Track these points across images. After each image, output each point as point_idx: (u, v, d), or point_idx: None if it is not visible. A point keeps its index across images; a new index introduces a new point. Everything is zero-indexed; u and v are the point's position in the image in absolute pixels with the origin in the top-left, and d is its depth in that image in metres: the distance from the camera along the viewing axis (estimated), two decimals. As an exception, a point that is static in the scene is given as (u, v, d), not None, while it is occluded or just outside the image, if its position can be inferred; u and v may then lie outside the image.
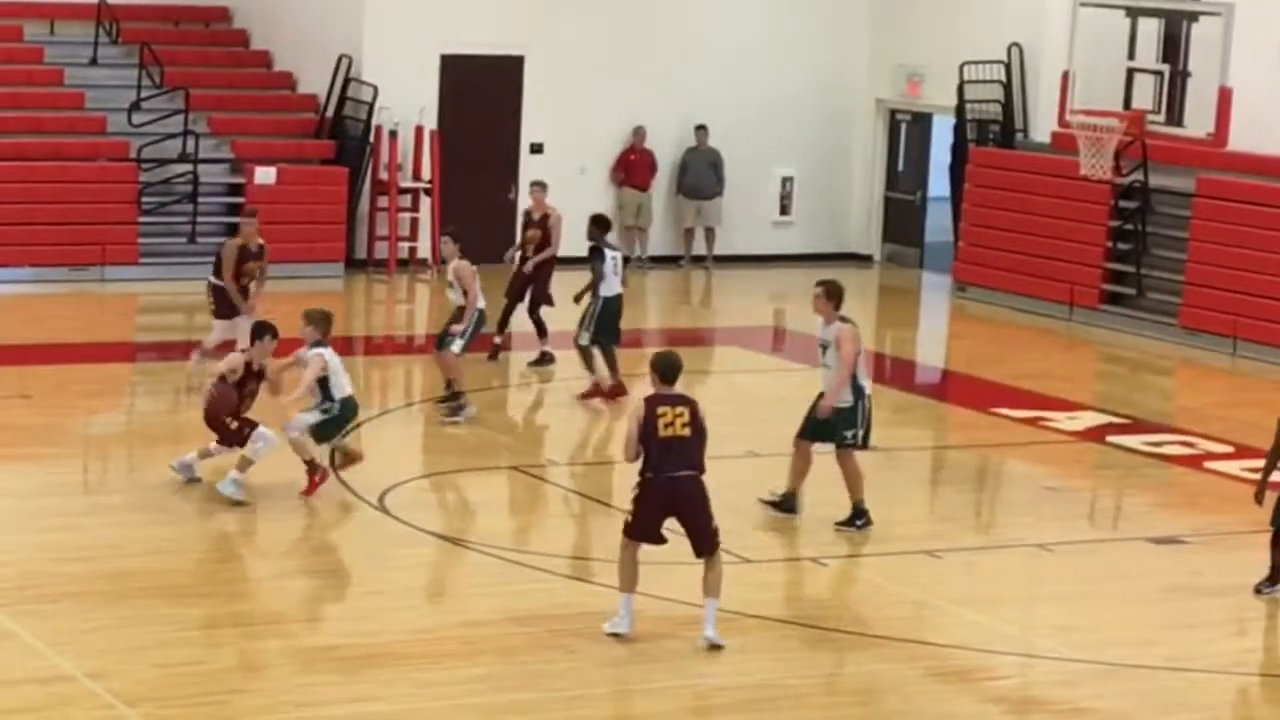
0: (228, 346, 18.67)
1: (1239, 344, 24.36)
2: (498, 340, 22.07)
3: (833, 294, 15.51)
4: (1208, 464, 18.69)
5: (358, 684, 12.43)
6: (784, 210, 30.38)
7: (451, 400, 19.21)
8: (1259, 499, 14.56)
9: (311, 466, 16.30)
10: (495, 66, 28.46)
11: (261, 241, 20.13)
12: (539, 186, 22.43)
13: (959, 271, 28.17)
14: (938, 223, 30.11)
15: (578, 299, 20.33)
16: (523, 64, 28.65)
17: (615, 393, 20.00)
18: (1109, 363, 24.60)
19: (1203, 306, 24.96)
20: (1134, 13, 26.50)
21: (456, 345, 19.01)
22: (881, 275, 29.81)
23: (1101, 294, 26.22)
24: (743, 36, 29.66)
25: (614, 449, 17.75)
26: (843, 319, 15.69)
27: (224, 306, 19.81)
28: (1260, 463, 15.29)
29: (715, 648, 12.98)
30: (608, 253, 20.18)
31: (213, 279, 20.02)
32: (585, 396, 20.15)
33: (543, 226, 21.77)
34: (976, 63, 28.32)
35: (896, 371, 23.84)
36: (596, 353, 20.13)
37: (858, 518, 15.90)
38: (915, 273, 29.95)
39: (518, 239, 22.35)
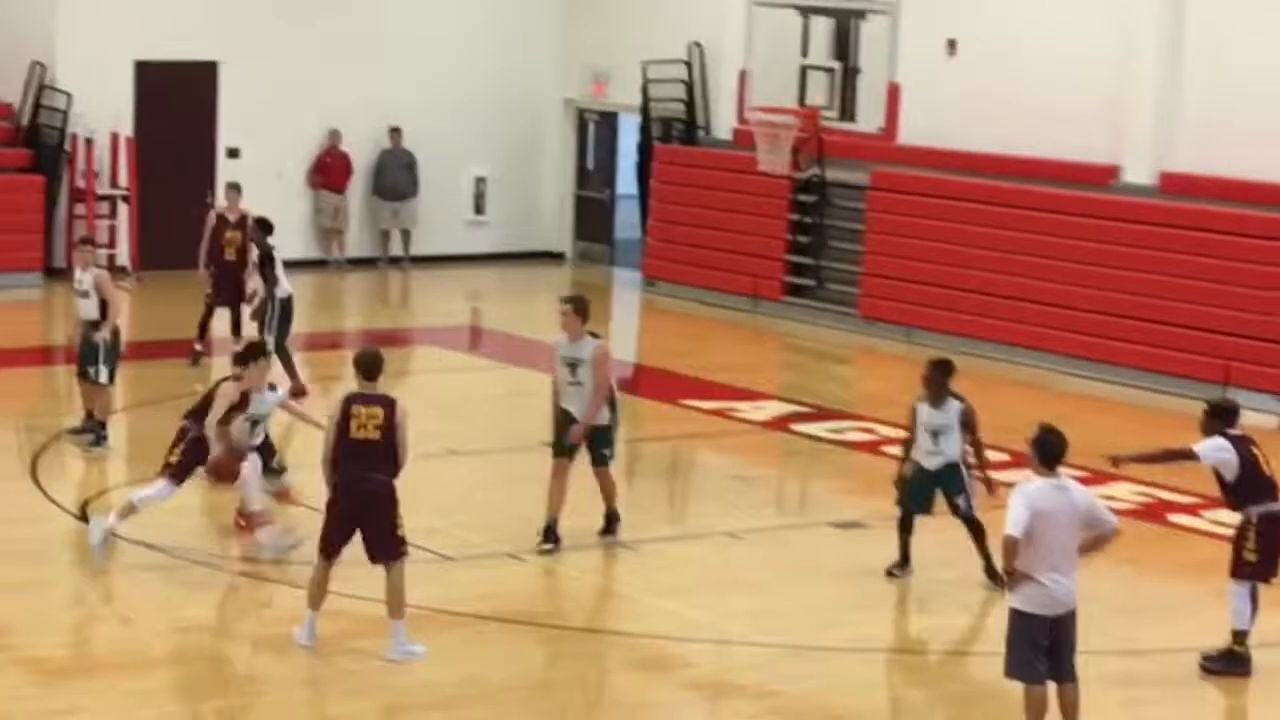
0: None
1: (913, 332, 24.81)
2: (199, 346, 21.83)
3: (581, 310, 15.25)
4: (885, 449, 18.91)
5: (63, 694, 12.22)
6: (479, 209, 30.25)
7: (88, 431, 18.15)
8: (898, 484, 14.94)
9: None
10: (190, 72, 28.05)
11: None
12: (234, 189, 22.19)
13: (648, 267, 28.10)
14: (627, 220, 30.08)
15: (255, 312, 20.10)
16: (217, 70, 28.24)
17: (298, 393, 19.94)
18: (793, 353, 24.89)
19: (879, 296, 25.27)
20: (806, 11, 26.92)
21: (104, 376, 18.03)
22: (574, 273, 29.76)
23: (784, 286, 26.36)
24: (435, 40, 29.52)
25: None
26: (593, 335, 15.43)
27: None
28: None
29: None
30: (277, 255, 20.09)
31: None
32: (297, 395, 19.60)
33: (241, 228, 21.52)
34: (659, 62, 28.49)
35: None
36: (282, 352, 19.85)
37: (613, 522, 15.74)
38: (606, 269, 29.90)
39: (205, 244, 21.80)
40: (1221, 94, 22.96)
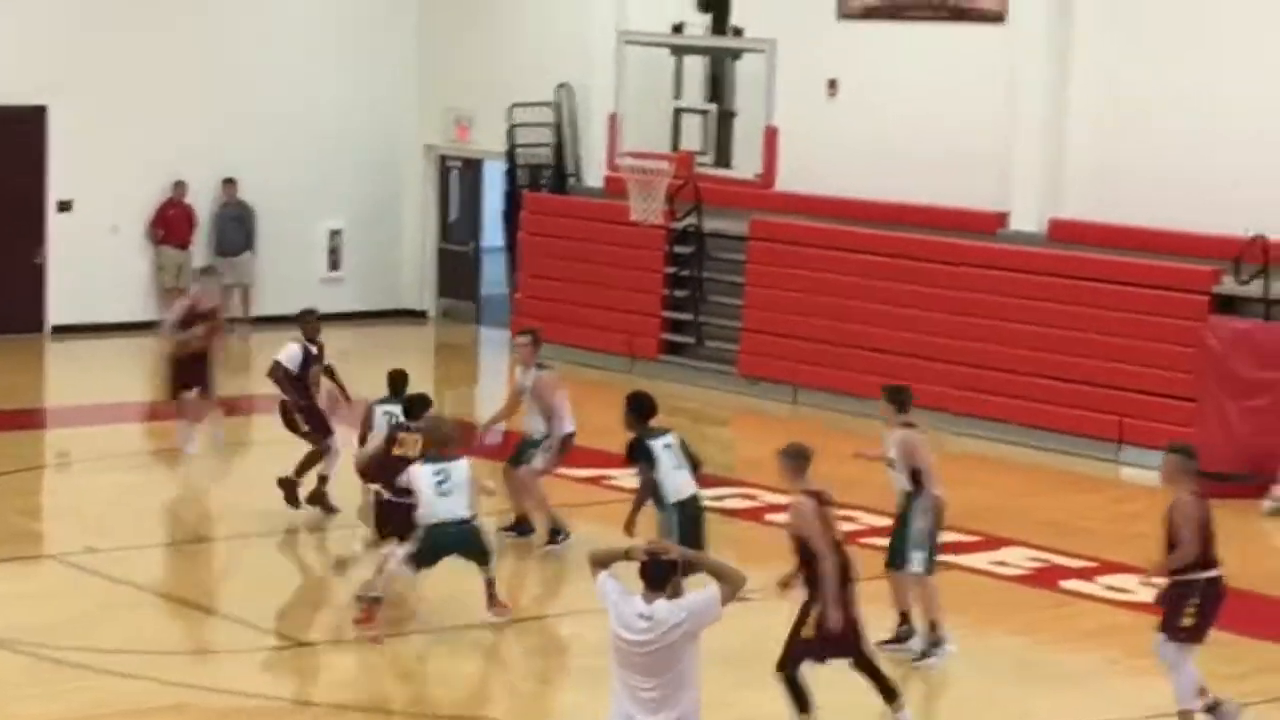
0: None
1: (797, 391, 25.09)
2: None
3: (538, 342, 18.13)
4: (769, 516, 18.93)
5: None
6: (333, 265, 30.27)
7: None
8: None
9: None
10: (15, 118, 27.86)
11: None
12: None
13: (517, 325, 26.97)
14: (494, 274, 30.12)
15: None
16: (45, 115, 28.08)
17: None
18: (670, 414, 23.50)
19: (760, 353, 25.54)
20: (679, 51, 26.88)
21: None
22: (437, 331, 29.64)
23: (661, 343, 26.61)
24: (285, 81, 29.58)
25: (160, 533, 17.60)
26: (540, 366, 18.02)
27: None
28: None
29: None
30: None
31: None
32: None
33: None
34: (526, 104, 28.60)
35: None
36: None
37: (557, 534, 18.11)
38: (472, 328, 29.85)
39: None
40: (1111, 137, 23.36)
